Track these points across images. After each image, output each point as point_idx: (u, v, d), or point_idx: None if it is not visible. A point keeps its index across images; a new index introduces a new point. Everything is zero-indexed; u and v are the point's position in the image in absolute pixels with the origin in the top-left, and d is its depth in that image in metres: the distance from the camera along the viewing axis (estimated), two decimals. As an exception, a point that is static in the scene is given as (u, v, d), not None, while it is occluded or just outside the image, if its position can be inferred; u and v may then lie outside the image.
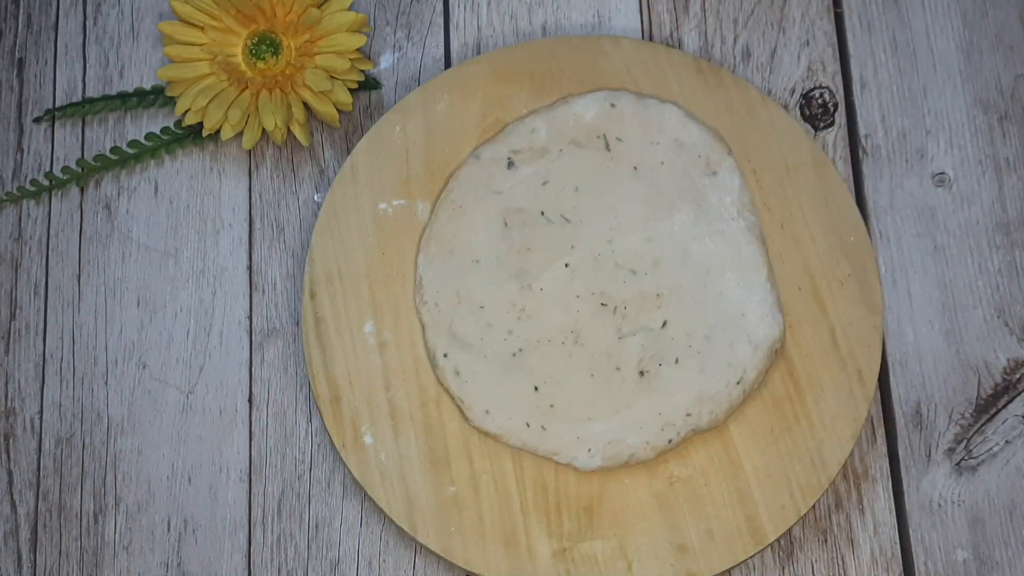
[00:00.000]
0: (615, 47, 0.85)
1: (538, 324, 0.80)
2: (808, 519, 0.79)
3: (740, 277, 0.80)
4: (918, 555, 0.78)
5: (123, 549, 0.79)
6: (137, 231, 0.85)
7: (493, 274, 0.81)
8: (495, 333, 0.80)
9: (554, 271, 0.80)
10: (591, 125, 0.83)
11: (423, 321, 0.80)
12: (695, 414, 0.78)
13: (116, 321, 0.83)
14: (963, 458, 0.80)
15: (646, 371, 0.78)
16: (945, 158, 0.85)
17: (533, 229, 0.81)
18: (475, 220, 0.82)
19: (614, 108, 0.83)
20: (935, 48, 0.87)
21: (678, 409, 0.78)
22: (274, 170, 0.86)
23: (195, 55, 0.82)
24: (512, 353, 0.79)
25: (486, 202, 0.82)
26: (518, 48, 0.85)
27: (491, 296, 0.80)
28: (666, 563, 0.76)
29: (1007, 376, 0.81)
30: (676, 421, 0.77)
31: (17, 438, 0.81)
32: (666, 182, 0.82)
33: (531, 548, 0.76)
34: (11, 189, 0.86)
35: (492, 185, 0.82)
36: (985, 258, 0.83)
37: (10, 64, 0.88)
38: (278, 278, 0.84)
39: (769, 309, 0.79)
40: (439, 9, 0.89)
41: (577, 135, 0.83)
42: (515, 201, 0.82)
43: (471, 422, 0.78)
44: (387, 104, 0.87)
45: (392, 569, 0.78)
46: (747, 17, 0.88)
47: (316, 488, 0.80)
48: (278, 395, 0.81)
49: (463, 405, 0.78)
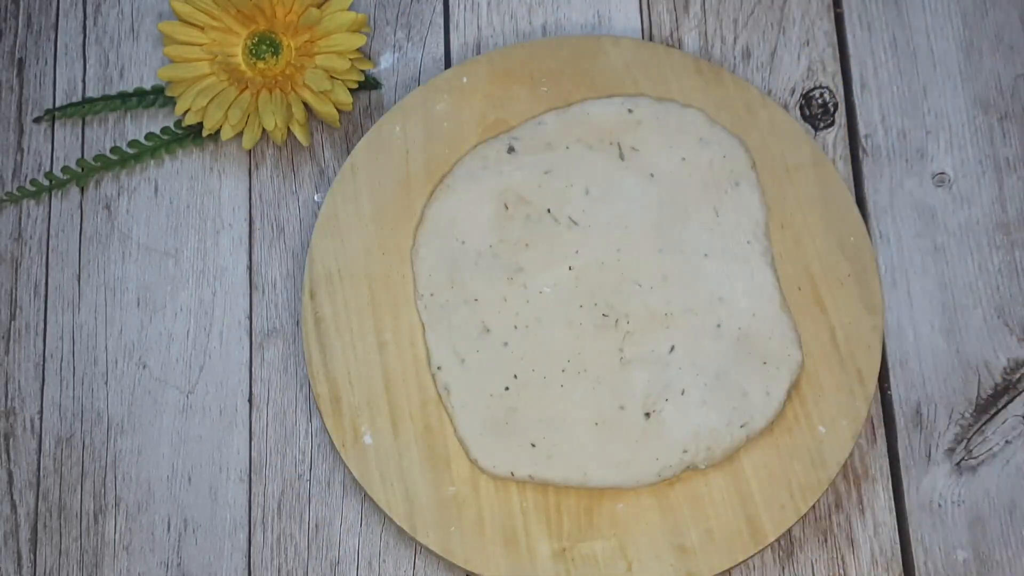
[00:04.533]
0: (615, 47, 0.85)
1: (537, 337, 0.79)
2: (808, 519, 0.79)
3: (755, 306, 0.79)
4: (918, 555, 0.78)
5: (123, 549, 0.79)
6: (137, 231, 0.85)
7: (488, 262, 0.80)
8: (491, 345, 0.78)
9: (556, 274, 0.80)
10: (604, 130, 0.82)
11: (422, 320, 0.80)
12: (691, 451, 0.76)
13: (116, 321, 0.83)
14: (963, 458, 0.80)
15: (652, 412, 0.77)
16: (945, 158, 0.85)
17: (536, 225, 0.81)
18: (469, 198, 0.81)
19: (631, 114, 0.82)
20: (935, 48, 0.87)
21: (675, 447, 0.76)
22: (274, 170, 0.86)
23: (195, 55, 0.82)
24: (506, 387, 0.77)
25: (482, 181, 0.81)
26: (518, 48, 0.85)
27: (484, 288, 0.79)
28: (666, 563, 0.76)
29: (1007, 376, 0.81)
30: (672, 462, 0.76)
31: (17, 438, 0.81)
32: (684, 186, 0.81)
33: (531, 548, 0.76)
34: (11, 189, 0.86)
35: (490, 166, 0.81)
36: (985, 258, 0.83)
37: (10, 64, 0.88)
38: (278, 278, 0.84)
39: (789, 345, 0.78)
40: (439, 9, 0.89)
41: (588, 137, 0.82)
42: (516, 185, 0.81)
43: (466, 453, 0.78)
44: (387, 104, 0.87)
45: (392, 569, 0.78)
46: (747, 17, 0.88)
47: (316, 488, 0.80)
48: (278, 395, 0.81)
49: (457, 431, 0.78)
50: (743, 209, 0.81)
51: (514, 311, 0.79)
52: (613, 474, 0.76)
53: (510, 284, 0.80)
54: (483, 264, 0.80)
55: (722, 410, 0.77)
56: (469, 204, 0.81)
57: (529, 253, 0.80)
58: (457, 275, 0.80)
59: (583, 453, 0.77)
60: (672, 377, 0.78)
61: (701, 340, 0.78)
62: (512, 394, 0.78)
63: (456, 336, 0.79)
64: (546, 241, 0.81)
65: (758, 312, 0.79)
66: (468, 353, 0.79)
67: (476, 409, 0.78)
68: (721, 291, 0.79)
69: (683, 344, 0.78)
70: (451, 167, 0.82)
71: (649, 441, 0.77)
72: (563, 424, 0.77)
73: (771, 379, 0.78)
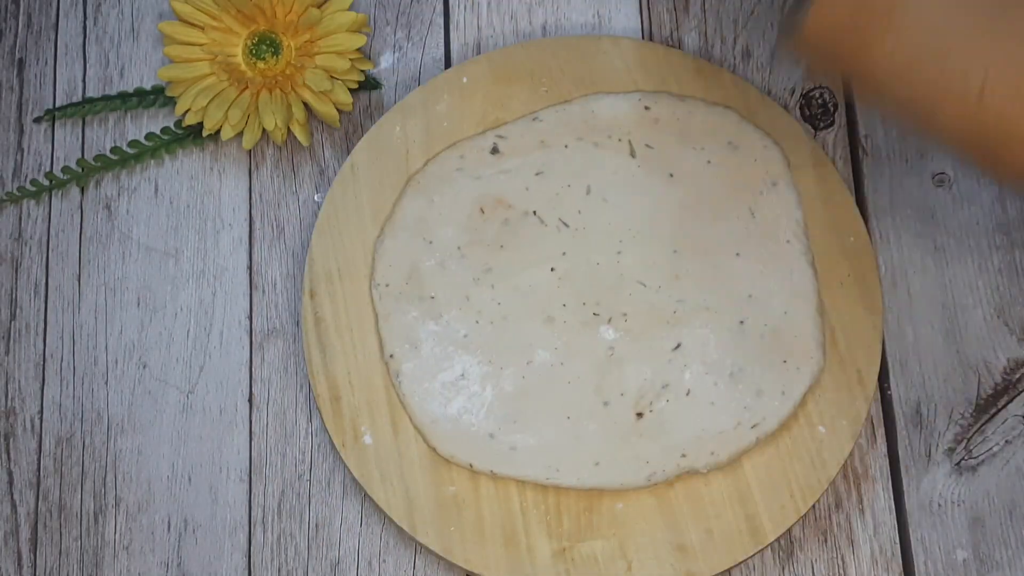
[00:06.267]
0: (615, 47, 0.85)
1: (502, 331, 0.77)
2: (808, 519, 0.79)
3: (788, 304, 0.78)
4: (918, 555, 0.78)
5: (123, 549, 0.79)
6: (137, 231, 0.85)
7: (453, 263, 0.78)
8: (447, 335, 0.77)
9: (534, 274, 0.78)
10: (612, 126, 0.82)
11: (375, 309, 0.79)
12: (691, 455, 0.75)
13: (116, 321, 0.83)
14: (963, 458, 0.80)
15: (646, 412, 0.76)
16: (945, 158, 0.85)
17: (516, 228, 0.79)
18: (440, 200, 0.80)
19: (648, 111, 0.81)
20: (935, 48, 0.87)
21: (672, 451, 0.75)
22: (274, 170, 0.86)
23: (195, 55, 0.82)
24: (461, 374, 0.76)
25: (455, 184, 0.80)
26: (518, 48, 0.85)
27: (444, 287, 0.78)
28: (666, 563, 0.76)
29: (1007, 376, 0.81)
30: (667, 467, 0.75)
31: (17, 438, 0.81)
32: (711, 187, 0.80)
33: (531, 548, 0.76)
34: (11, 189, 0.86)
35: (466, 168, 0.81)
36: (985, 258, 0.83)
37: (10, 64, 0.88)
38: (278, 278, 0.84)
39: (814, 348, 0.77)
40: (439, 9, 0.89)
41: (593, 135, 0.82)
42: (495, 190, 0.80)
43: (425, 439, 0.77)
44: (387, 104, 0.87)
45: (392, 569, 0.78)
46: (747, 17, 0.88)
47: (316, 488, 0.80)
48: (278, 395, 0.81)
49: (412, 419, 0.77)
50: (782, 208, 0.80)
51: (476, 308, 0.78)
52: (590, 474, 0.75)
53: (475, 284, 0.79)
54: (448, 265, 0.79)
55: (732, 411, 0.76)
56: (440, 206, 0.80)
57: (503, 255, 0.79)
58: (415, 271, 0.79)
59: (552, 449, 0.76)
60: (674, 376, 0.77)
61: (717, 337, 0.77)
62: (466, 383, 0.77)
63: (410, 325, 0.78)
64: (527, 243, 0.79)
65: (791, 310, 0.78)
66: (422, 341, 0.78)
67: (428, 396, 0.77)
68: (752, 289, 0.78)
69: (693, 342, 0.77)
70: (424, 164, 0.82)
71: (638, 442, 0.76)
72: (524, 417, 0.76)
73: (789, 379, 0.77)
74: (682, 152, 0.81)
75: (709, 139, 0.81)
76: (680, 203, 0.80)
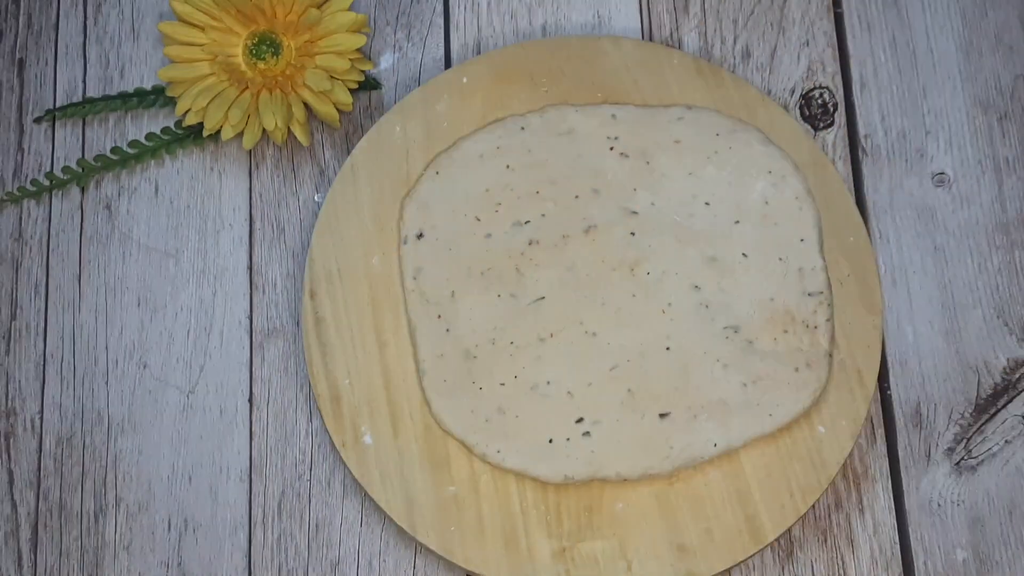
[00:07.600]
0: (615, 47, 0.85)
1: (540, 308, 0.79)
2: (808, 519, 0.79)
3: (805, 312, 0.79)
4: (918, 555, 0.78)
5: (123, 549, 0.79)
6: (137, 231, 0.85)
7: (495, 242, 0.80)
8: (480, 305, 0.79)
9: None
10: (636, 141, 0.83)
11: (409, 317, 0.80)
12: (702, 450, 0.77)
13: (116, 321, 0.83)
14: (963, 458, 0.80)
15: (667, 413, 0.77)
16: (945, 158, 0.85)
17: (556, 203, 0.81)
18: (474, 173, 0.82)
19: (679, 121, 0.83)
20: (935, 48, 0.87)
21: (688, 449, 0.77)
22: (274, 170, 0.86)
23: (195, 55, 0.82)
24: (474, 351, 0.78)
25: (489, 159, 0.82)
26: (518, 48, 0.85)
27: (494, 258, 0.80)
28: (666, 563, 0.76)
29: (1007, 376, 0.81)
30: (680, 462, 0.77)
31: (18, 438, 0.81)
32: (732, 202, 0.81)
33: (531, 548, 0.76)
34: (11, 189, 0.86)
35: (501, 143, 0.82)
36: (985, 258, 0.83)
37: (10, 64, 0.88)
38: (278, 278, 0.84)
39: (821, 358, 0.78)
40: (439, 9, 0.89)
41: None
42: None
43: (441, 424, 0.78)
44: (387, 104, 0.87)
45: (392, 569, 0.79)
46: (747, 17, 0.88)
47: (316, 488, 0.80)
48: (278, 395, 0.81)
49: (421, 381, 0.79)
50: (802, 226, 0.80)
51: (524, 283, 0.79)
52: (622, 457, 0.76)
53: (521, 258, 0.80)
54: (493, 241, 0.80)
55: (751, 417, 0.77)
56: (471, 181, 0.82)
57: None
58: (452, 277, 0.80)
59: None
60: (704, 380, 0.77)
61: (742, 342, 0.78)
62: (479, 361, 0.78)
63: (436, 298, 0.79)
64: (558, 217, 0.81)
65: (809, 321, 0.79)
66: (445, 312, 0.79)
67: (441, 367, 0.78)
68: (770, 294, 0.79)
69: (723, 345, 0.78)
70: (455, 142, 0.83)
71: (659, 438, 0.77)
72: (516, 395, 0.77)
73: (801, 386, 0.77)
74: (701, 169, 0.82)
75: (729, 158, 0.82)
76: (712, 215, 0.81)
